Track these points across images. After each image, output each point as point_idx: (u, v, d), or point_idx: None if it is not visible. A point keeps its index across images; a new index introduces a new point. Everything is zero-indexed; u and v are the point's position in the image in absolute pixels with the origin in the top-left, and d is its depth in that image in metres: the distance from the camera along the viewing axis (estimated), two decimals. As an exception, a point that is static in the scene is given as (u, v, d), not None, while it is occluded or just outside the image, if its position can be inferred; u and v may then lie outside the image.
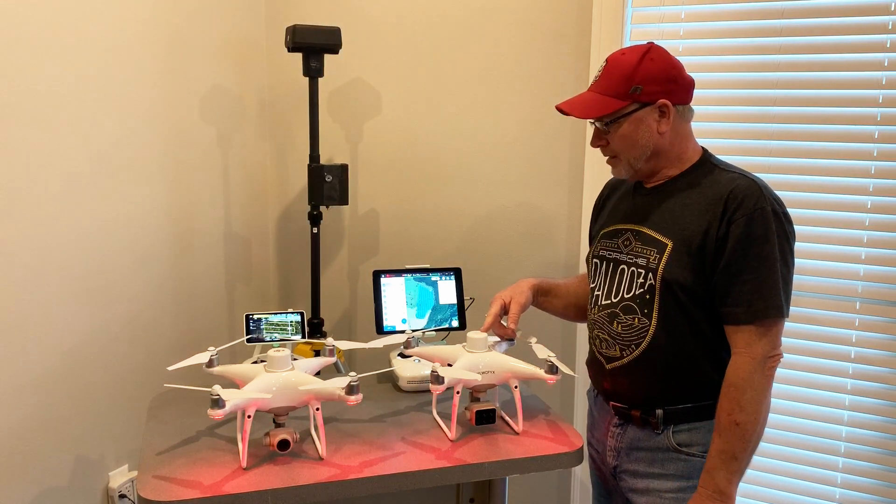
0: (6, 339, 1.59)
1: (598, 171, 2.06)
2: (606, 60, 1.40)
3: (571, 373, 1.50)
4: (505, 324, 1.55)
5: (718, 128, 1.95)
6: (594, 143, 1.44)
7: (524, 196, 2.20)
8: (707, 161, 1.42)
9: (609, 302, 1.45)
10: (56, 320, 1.71)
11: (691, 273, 1.33)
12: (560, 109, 1.41)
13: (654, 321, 1.38)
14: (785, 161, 1.90)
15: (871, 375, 1.87)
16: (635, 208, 1.47)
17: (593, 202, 1.67)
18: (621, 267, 1.44)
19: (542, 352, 1.51)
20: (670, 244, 1.36)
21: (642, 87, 1.35)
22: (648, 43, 1.40)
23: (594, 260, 1.53)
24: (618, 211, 1.53)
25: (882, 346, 1.85)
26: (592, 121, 1.43)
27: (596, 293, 1.50)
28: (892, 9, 1.75)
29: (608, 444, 1.49)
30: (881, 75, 1.78)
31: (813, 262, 1.89)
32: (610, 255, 1.48)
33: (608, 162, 1.46)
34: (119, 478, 1.93)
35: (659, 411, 1.40)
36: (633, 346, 1.41)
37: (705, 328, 1.36)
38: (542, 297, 1.63)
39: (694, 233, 1.34)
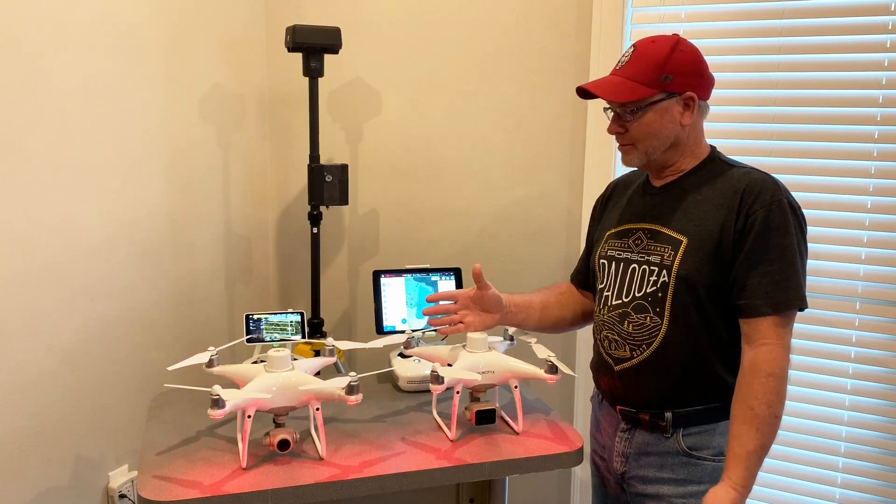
0: (6, 339, 1.59)
1: (598, 171, 2.06)
2: (634, 46, 1.38)
3: (571, 373, 1.50)
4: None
5: (719, 128, 1.95)
6: (612, 130, 1.41)
7: (524, 196, 2.20)
8: (716, 158, 1.42)
9: (620, 302, 1.43)
10: (56, 320, 1.71)
11: (708, 268, 1.32)
12: (584, 90, 1.38)
13: (666, 320, 1.36)
14: (785, 161, 1.90)
15: (871, 375, 1.87)
16: (645, 208, 1.45)
17: (594, 202, 1.66)
18: (632, 266, 1.42)
19: (541, 352, 1.51)
20: (685, 240, 1.35)
21: (672, 77, 1.34)
22: (674, 34, 1.39)
23: (601, 261, 1.51)
24: (625, 211, 1.50)
25: (882, 346, 1.85)
26: (612, 106, 1.40)
27: (605, 294, 1.48)
28: (892, 9, 1.75)
29: (615, 450, 1.47)
30: (881, 75, 1.78)
31: (813, 262, 1.89)
32: (620, 254, 1.46)
33: (622, 149, 1.42)
34: (119, 478, 1.93)
35: (668, 414, 1.38)
36: (644, 345, 1.39)
37: (719, 326, 1.35)
38: (514, 310, 1.55)
39: (710, 228, 1.33)
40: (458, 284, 1.85)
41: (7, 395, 1.60)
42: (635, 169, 1.61)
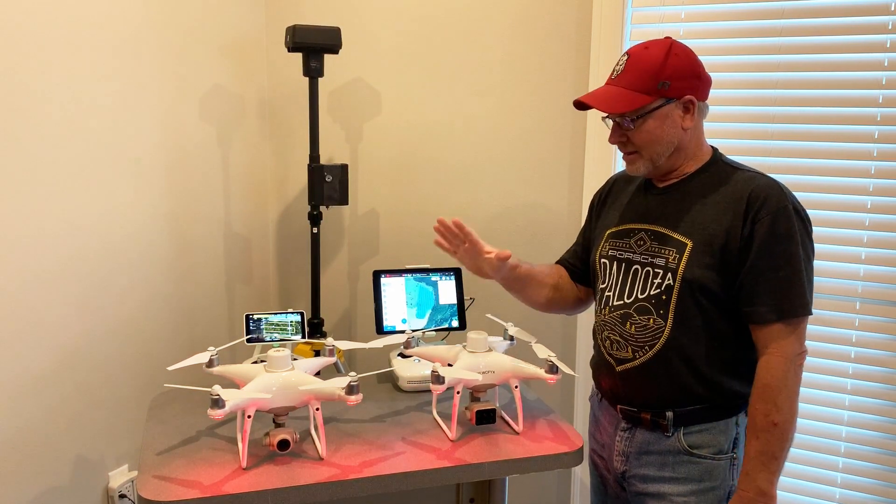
0: (6, 339, 1.59)
1: (598, 171, 2.06)
2: (628, 54, 1.37)
3: (572, 372, 1.50)
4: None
5: (719, 128, 1.95)
6: (613, 140, 1.40)
7: (524, 196, 2.20)
8: (719, 160, 1.41)
9: (622, 303, 1.43)
10: (56, 320, 1.71)
11: (713, 273, 1.32)
12: (581, 103, 1.38)
13: (669, 322, 1.36)
14: (785, 161, 1.90)
15: (871, 375, 1.87)
16: (648, 208, 1.44)
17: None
18: (634, 267, 1.42)
19: (542, 352, 1.51)
20: (690, 244, 1.35)
21: (670, 83, 1.33)
22: (667, 38, 1.38)
23: (602, 260, 1.50)
24: (627, 210, 1.49)
25: (882, 346, 1.85)
26: (611, 116, 1.39)
27: (606, 294, 1.47)
28: (892, 9, 1.75)
29: (616, 449, 1.47)
30: (881, 75, 1.78)
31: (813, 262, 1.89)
32: (621, 255, 1.45)
33: (627, 158, 1.42)
34: (119, 478, 1.93)
35: (669, 413, 1.38)
36: (646, 347, 1.39)
37: (722, 328, 1.35)
38: (517, 278, 1.57)
39: (716, 232, 1.33)
40: (459, 284, 1.85)
41: (8, 394, 1.60)
42: None
